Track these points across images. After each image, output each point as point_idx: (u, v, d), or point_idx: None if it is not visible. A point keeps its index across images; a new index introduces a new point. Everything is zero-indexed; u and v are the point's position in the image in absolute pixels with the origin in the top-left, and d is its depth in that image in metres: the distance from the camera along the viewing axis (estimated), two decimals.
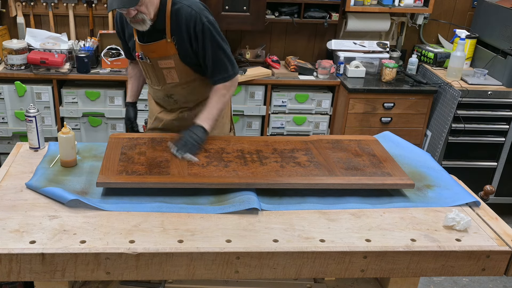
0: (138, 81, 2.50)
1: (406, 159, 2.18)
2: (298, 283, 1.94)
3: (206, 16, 2.06)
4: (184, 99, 2.30)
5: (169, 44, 2.10)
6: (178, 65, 2.15)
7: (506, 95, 3.43)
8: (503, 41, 3.47)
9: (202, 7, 2.09)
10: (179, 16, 2.05)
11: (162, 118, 2.38)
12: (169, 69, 2.17)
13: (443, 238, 1.65)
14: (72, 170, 1.95)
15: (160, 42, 2.10)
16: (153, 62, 2.17)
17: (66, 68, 3.39)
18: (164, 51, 2.12)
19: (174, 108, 2.34)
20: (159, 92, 2.31)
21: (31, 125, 2.05)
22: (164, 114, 2.38)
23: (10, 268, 1.48)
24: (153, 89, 2.33)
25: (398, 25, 3.98)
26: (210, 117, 2.10)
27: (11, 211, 1.66)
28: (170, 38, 2.09)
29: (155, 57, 2.15)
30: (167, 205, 1.74)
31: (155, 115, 2.41)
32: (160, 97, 2.34)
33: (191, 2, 2.08)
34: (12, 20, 3.67)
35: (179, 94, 2.28)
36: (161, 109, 2.39)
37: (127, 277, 1.54)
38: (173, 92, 2.27)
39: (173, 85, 2.24)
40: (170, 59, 2.14)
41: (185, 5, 2.05)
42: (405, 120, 3.64)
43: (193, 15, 2.03)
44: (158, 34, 2.09)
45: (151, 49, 2.14)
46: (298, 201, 1.82)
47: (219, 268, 1.55)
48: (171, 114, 2.36)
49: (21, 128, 3.45)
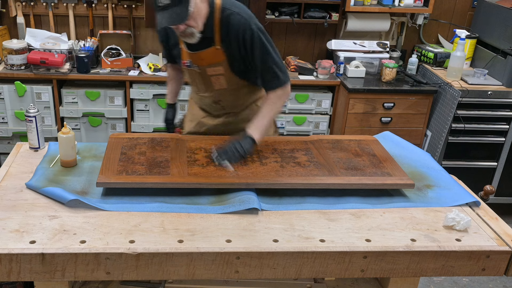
0: (177, 82, 2.51)
1: (406, 159, 2.18)
2: (298, 283, 1.94)
3: (255, 23, 2.04)
4: (231, 104, 2.29)
5: (218, 51, 2.08)
6: (227, 71, 2.14)
7: (506, 95, 3.43)
8: (503, 41, 3.48)
9: (252, 14, 2.07)
10: (228, 23, 2.02)
11: (206, 123, 2.37)
12: (218, 76, 2.16)
13: (443, 238, 1.65)
14: (72, 170, 1.95)
15: (209, 49, 2.08)
16: (201, 69, 2.16)
17: (66, 68, 3.40)
18: (213, 58, 2.10)
19: (220, 113, 2.34)
20: (206, 99, 2.30)
21: (31, 125, 2.05)
22: (208, 119, 2.37)
23: (10, 268, 1.48)
24: (199, 95, 2.32)
25: (398, 25, 3.98)
26: (259, 126, 2.06)
27: (11, 211, 1.66)
28: (220, 45, 2.07)
29: (203, 64, 2.14)
30: (167, 205, 1.74)
31: (198, 120, 2.40)
32: (207, 103, 2.33)
33: (240, 9, 2.05)
34: (12, 20, 3.67)
35: (227, 100, 2.27)
36: (205, 114, 2.38)
37: (127, 277, 1.54)
38: (220, 98, 2.26)
39: (221, 91, 2.23)
40: (219, 66, 2.12)
41: (234, 12, 2.02)
42: (405, 120, 3.64)
43: (242, 22, 2.01)
44: (207, 42, 2.07)
45: (200, 57, 2.12)
46: (298, 201, 1.82)
47: (219, 268, 1.55)
48: (216, 119, 2.35)
49: (21, 128, 3.45)
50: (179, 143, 2.09)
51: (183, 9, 1.86)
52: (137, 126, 3.58)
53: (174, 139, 2.12)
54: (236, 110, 2.31)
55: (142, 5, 3.66)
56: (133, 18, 3.76)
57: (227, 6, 2.02)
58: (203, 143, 2.11)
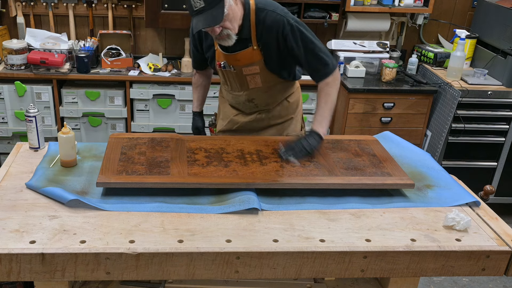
0: (204, 89, 2.54)
1: (406, 159, 2.18)
2: (298, 283, 1.94)
3: (291, 17, 2.06)
4: (265, 102, 2.32)
5: (255, 51, 2.11)
6: (263, 70, 2.17)
7: (506, 95, 3.43)
8: (503, 41, 3.48)
9: (286, 10, 2.09)
10: (265, 22, 2.05)
11: (238, 121, 2.40)
12: (254, 75, 2.19)
13: (443, 238, 1.65)
14: (72, 170, 1.95)
15: (246, 50, 2.11)
16: (237, 69, 2.19)
17: (66, 68, 3.40)
18: (250, 59, 2.13)
19: (253, 111, 2.37)
20: (239, 97, 2.33)
21: (31, 125, 2.05)
22: (240, 116, 2.40)
23: (10, 268, 1.48)
24: (232, 94, 2.35)
25: (398, 25, 3.98)
26: (322, 120, 2.08)
27: (11, 211, 1.66)
28: (256, 45, 2.10)
29: (239, 65, 2.16)
30: (167, 205, 1.74)
31: (230, 118, 2.42)
32: (240, 102, 2.35)
33: (274, 6, 2.08)
34: (12, 20, 3.67)
35: (261, 98, 2.30)
36: (237, 112, 2.41)
37: (127, 277, 1.54)
38: (254, 97, 2.29)
39: (255, 90, 2.26)
40: (255, 65, 2.15)
41: (269, 11, 2.05)
42: (405, 120, 3.64)
43: (278, 19, 2.04)
44: (243, 43, 2.10)
45: (237, 58, 2.15)
46: (298, 201, 1.82)
47: (219, 268, 1.55)
48: (248, 116, 2.38)
49: (21, 128, 3.45)
50: (179, 143, 2.09)
51: (218, 12, 1.90)
52: (137, 126, 3.58)
53: (174, 139, 2.12)
54: (268, 107, 2.34)
55: (142, 5, 3.66)
56: (133, 18, 3.76)
57: (261, 6, 2.06)
58: (203, 143, 2.11)
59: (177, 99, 3.51)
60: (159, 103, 3.52)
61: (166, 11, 3.42)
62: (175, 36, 3.84)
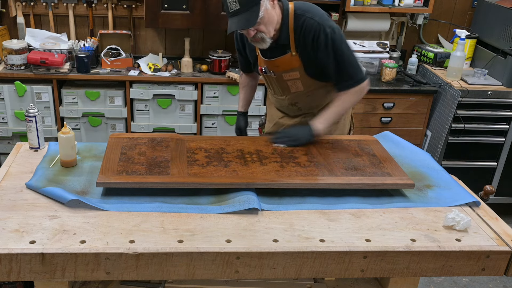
0: (251, 90, 2.56)
1: (406, 159, 2.18)
2: (298, 283, 1.94)
3: (329, 25, 2.05)
4: (308, 105, 2.32)
5: (294, 57, 2.11)
6: (303, 76, 2.17)
7: (506, 95, 3.43)
8: (503, 41, 3.48)
9: (325, 16, 2.08)
10: (302, 29, 2.05)
11: (283, 123, 2.41)
12: (294, 80, 2.19)
13: (443, 238, 1.65)
14: (72, 170, 1.95)
15: (284, 56, 2.12)
16: (277, 75, 2.20)
17: (66, 68, 3.40)
18: (289, 65, 2.14)
19: (297, 114, 2.37)
20: (283, 101, 2.34)
21: (31, 125, 2.05)
22: (286, 119, 2.41)
23: (10, 268, 1.48)
24: (276, 98, 2.37)
25: (398, 25, 3.98)
26: (323, 119, 2.11)
27: (11, 211, 1.66)
28: (295, 52, 2.10)
29: (279, 70, 2.17)
30: (167, 205, 1.74)
31: (276, 120, 2.44)
32: (284, 106, 2.37)
33: (314, 12, 2.06)
34: (12, 20, 3.67)
35: (303, 102, 2.30)
36: (282, 115, 2.42)
37: (127, 277, 1.54)
38: (297, 101, 2.30)
39: (297, 94, 2.26)
40: (295, 71, 2.16)
41: (308, 17, 2.04)
42: (405, 120, 3.64)
43: (315, 26, 2.03)
44: (282, 49, 2.11)
45: (276, 64, 2.16)
46: (298, 201, 1.82)
47: (219, 268, 1.55)
48: (293, 119, 2.39)
49: (21, 128, 3.45)
50: (179, 143, 2.09)
51: (252, 14, 1.91)
52: (137, 126, 3.58)
53: (174, 139, 2.12)
54: (313, 111, 2.34)
55: (142, 5, 3.66)
56: (133, 18, 3.76)
57: (300, 12, 2.05)
58: (203, 143, 2.11)
59: (177, 99, 3.51)
60: (159, 103, 3.52)
61: (166, 11, 3.42)
62: (175, 36, 3.84)
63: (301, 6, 2.08)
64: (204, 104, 3.54)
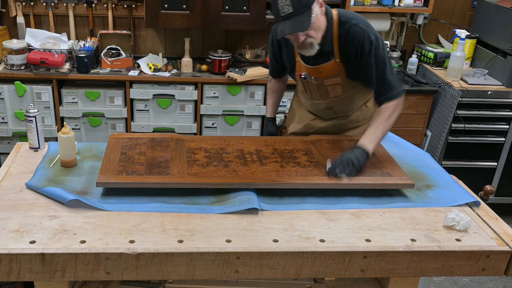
0: (279, 96, 2.55)
1: (406, 159, 2.18)
2: (298, 283, 1.94)
3: (373, 33, 2.03)
4: (344, 109, 2.32)
5: (338, 64, 2.10)
6: (345, 81, 2.16)
7: (506, 95, 3.43)
8: (503, 41, 3.47)
9: (369, 24, 2.07)
10: (347, 35, 2.03)
11: (315, 125, 2.40)
12: (335, 85, 2.18)
13: (443, 238, 1.65)
14: (72, 170, 1.95)
15: (328, 63, 2.11)
16: (318, 81, 2.18)
17: (66, 68, 3.40)
18: (332, 71, 2.13)
19: (332, 117, 2.37)
20: (319, 105, 2.33)
21: (31, 125, 2.05)
22: (318, 122, 2.39)
23: (10, 268, 1.48)
24: (312, 102, 2.35)
25: (398, 25, 3.98)
26: (374, 139, 2.02)
27: (11, 211, 1.66)
28: (339, 58, 2.09)
29: (321, 77, 2.16)
30: (167, 205, 1.74)
31: (307, 122, 2.42)
32: (319, 109, 2.36)
33: (358, 19, 2.05)
34: (12, 20, 3.67)
35: (340, 105, 2.30)
36: (315, 117, 2.40)
37: (127, 277, 1.54)
38: (334, 105, 2.29)
39: (336, 98, 2.25)
40: (337, 77, 2.15)
41: (352, 24, 2.03)
42: (405, 120, 3.63)
43: (360, 33, 2.01)
44: (325, 56, 2.09)
45: (319, 71, 2.14)
46: (298, 201, 1.82)
47: (219, 268, 1.55)
48: (326, 122, 2.38)
49: (21, 128, 3.45)
50: (179, 143, 2.09)
51: (305, 18, 1.88)
52: (137, 126, 3.58)
53: (174, 139, 2.12)
54: (347, 113, 2.34)
55: (142, 5, 3.66)
56: (133, 18, 3.76)
57: (345, 19, 2.03)
58: (203, 143, 2.11)
59: (177, 99, 3.51)
60: (159, 103, 3.52)
61: (166, 11, 3.42)
62: (175, 36, 3.84)
63: (345, 13, 2.07)
64: (204, 104, 3.54)
